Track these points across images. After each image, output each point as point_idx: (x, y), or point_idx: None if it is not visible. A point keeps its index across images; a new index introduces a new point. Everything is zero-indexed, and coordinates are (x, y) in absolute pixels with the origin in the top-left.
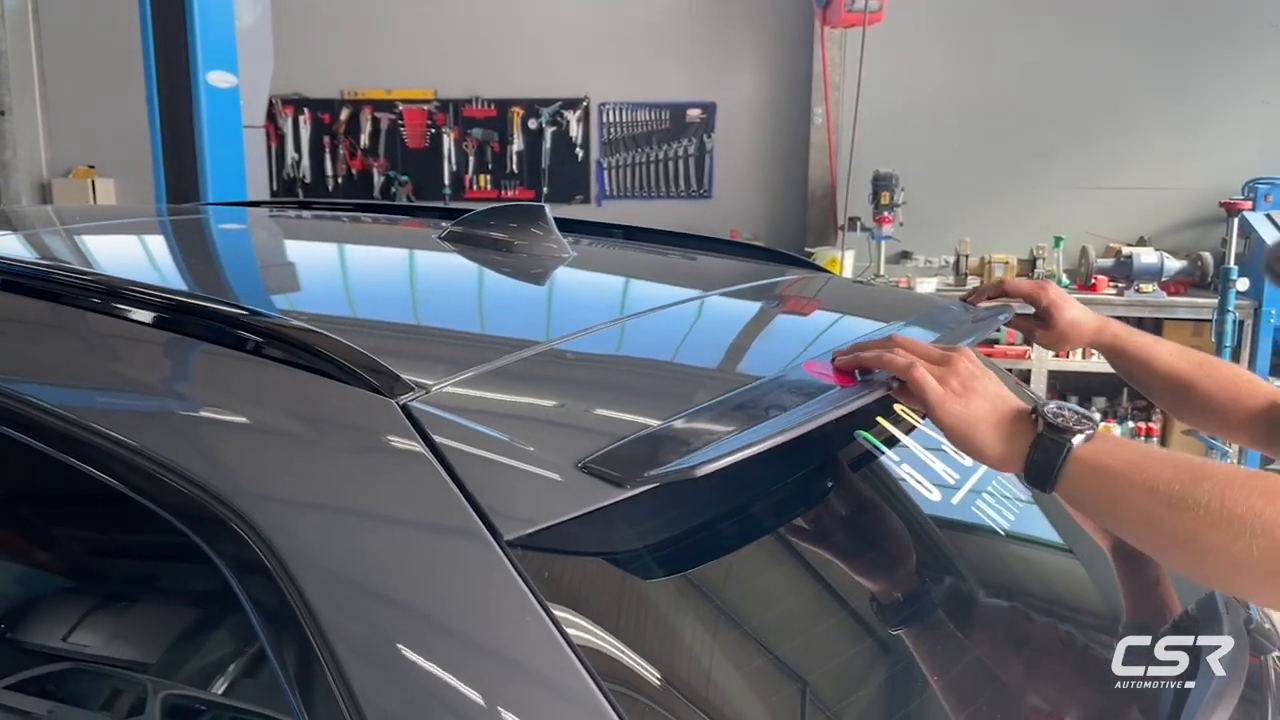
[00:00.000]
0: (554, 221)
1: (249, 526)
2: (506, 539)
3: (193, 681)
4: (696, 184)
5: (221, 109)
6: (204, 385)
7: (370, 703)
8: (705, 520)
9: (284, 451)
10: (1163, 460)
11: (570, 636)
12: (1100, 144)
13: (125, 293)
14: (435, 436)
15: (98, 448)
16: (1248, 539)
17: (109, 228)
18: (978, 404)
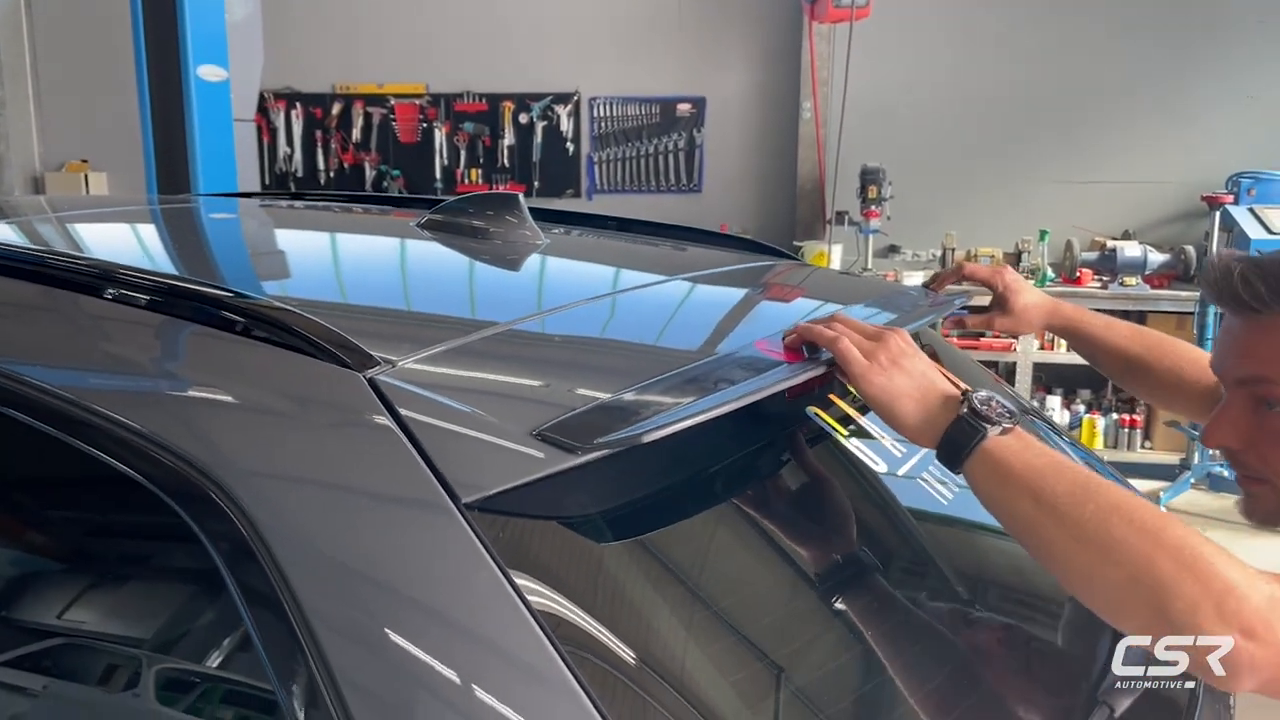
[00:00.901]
0: (528, 210)
1: (225, 494)
2: (465, 502)
3: (173, 642)
4: (686, 178)
5: (212, 103)
6: (184, 362)
7: (334, 651)
8: (657, 488)
9: (259, 421)
10: (1062, 472)
11: (524, 595)
12: (1086, 138)
13: (112, 276)
14: (399, 408)
15: (84, 422)
16: (1111, 567)
17: (100, 215)
18: (901, 379)
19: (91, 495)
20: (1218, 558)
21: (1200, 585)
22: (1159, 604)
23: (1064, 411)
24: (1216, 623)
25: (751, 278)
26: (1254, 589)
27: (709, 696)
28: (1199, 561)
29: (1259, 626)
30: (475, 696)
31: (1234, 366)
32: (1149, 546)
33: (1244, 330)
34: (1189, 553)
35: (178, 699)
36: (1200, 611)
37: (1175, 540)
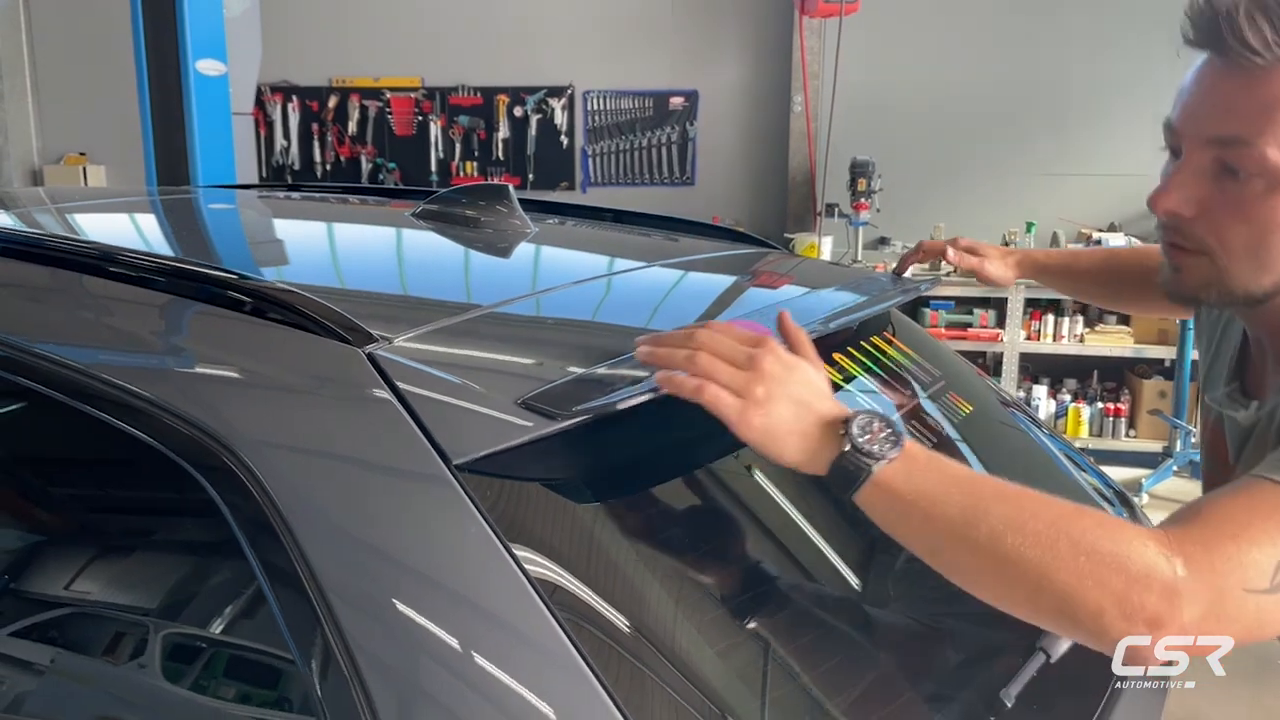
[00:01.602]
0: (518, 201)
1: (238, 460)
2: (455, 463)
3: (194, 595)
4: (679, 171)
5: (211, 97)
6: (201, 339)
7: (334, 591)
8: (632, 453)
9: (269, 393)
10: (951, 494)
11: (510, 548)
12: (1073, 131)
13: (141, 262)
14: (396, 380)
15: (114, 399)
16: (1012, 586)
17: (117, 206)
18: (780, 411)
19: (117, 466)
20: (1117, 549)
21: (1100, 589)
22: (1067, 616)
23: (1050, 401)
24: (1124, 626)
25: (728, 265)
26: (1155, 573)
27: (685, 645)
28: (1095, 563)
29: (1165, 614)
30: (463, 642)
31: (1209, 123)
32: (1044, 558)
33: (1230, 82)
34: (1083, 557)
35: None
36: (1105, 617)
37: (1069, 547)
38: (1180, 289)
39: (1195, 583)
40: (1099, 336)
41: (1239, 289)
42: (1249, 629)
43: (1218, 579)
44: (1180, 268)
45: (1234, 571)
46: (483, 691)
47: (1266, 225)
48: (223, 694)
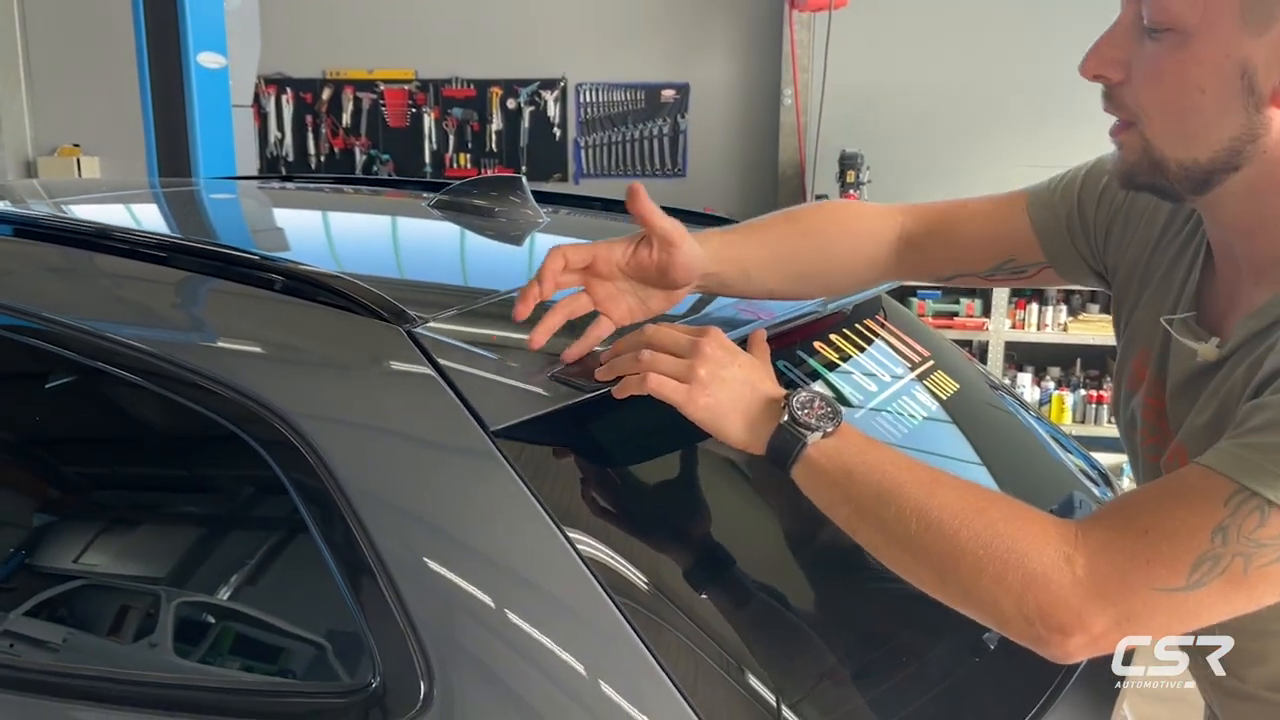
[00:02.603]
0: (530, 191)
1: (295, 431)
2: (492, 429)
3: (261, 562)
4: (671, 163)
5: (211, 89)
6: (259, 322)
7: (387, 550)
8: (653, 423)
9: (320, 369)
10: (872, 474)
11: (543, 502)
12: (1059, 124)
13: (206, 251)
14: (435, 355)
15: (182, 378)
16: (920, 569)
17: (153, 197)
18: (723, 393)
19: (186, 441)
20: (1016, 547)
21: (997, 586)
22: (971, 607)
23: (1034, 388)
24: (1024, 626)
25: None
26: (1051, 576)
27: (716, 602)
28: (993, 558)
29: (1067, 618)
30: (505, 602)
31: None
32: (946, 548)
33: None
34: (983, 550)
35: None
36: (1004, 614)
37: (970, 539)
38: (1123, 172)
39: (1095, 586)
40: (1082, 325)
41: (1171, 163)
42: (1170, 626)
43: (1120, 579)
44: (1121, 145)
45: (1140, 570)
46: (524, 649)
47: (1180, 85)
48: (289, 654)
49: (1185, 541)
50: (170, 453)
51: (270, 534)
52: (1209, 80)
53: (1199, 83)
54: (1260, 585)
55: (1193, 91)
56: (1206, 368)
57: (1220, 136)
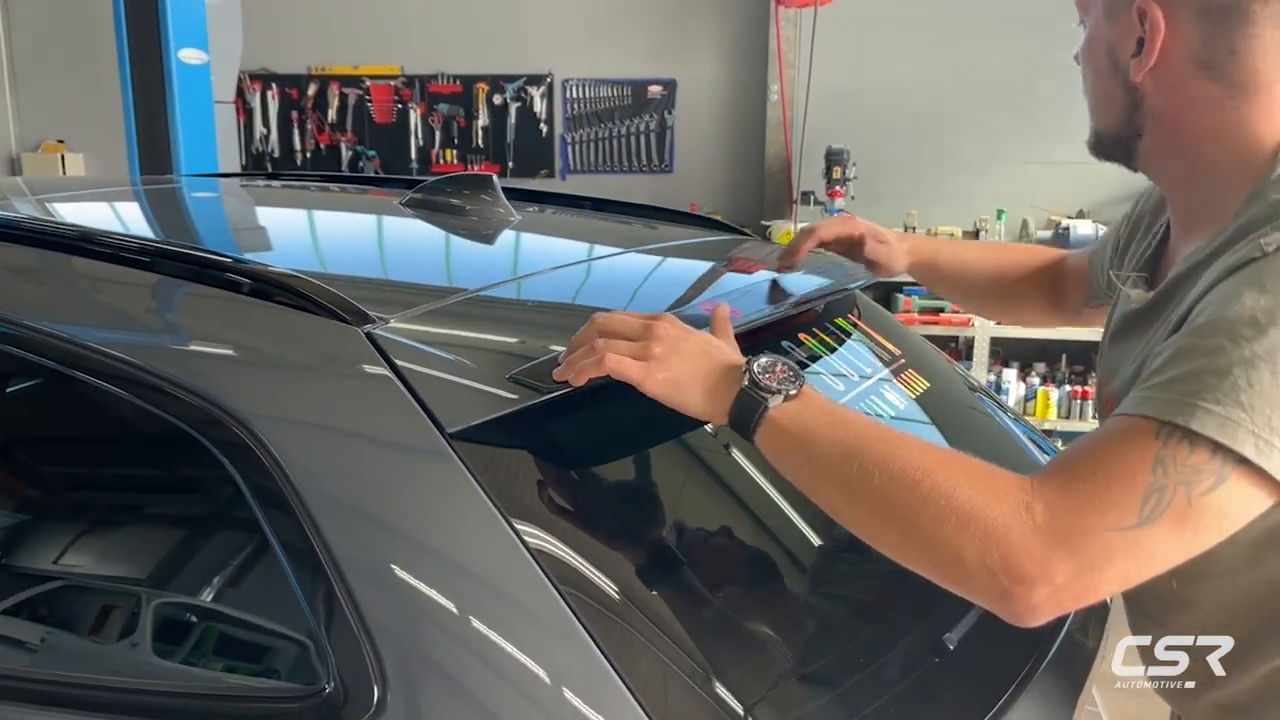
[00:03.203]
0: (502, 190)
1: (248, 431)
2: (449, 431)
3: (212, 561)
4: (658, 159)
5: (193, 86)
6: (213, 321)
7: (342, 553)
8: (614, 425)
9: (277, 370)
10: (835, 432)
11: (499, 505)
12: (1043, 120)
13: (157, 249)
14: (392, 357)
15: (133, 378)
16: (881, 524)
17: (125, 195)
18: (681, 366)
19: (138, 442)
20: (977, 497)
21: (960, 535)
22: (931, 562)
23: (1020, 384)
24: (985, 579)
25: (700, 250)
26: (1013, 526)
27: (669, 602)
28: (956, 508)
29: (1029, 567)
30: (460, 604)
31: None
32: (911, 502)
33: None
34: (944, 500)
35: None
36: (966, 565)
37: (931, 489)
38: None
39: (1058, 534)
40: None
41: (1098, 133)
42: (1128, 570)
43: (1078, 523)
44: None
45: (1094, 513)
46: (479, 651)
47: (1087, 67)
48: (240, 658)
49: (1129, 480)
50: (125, 455)
51: (226, 537)
52: (1097, 58)
53: (1094, 64)
54: (1204, 516)
55: (1092, 72)
56: (1137, 316)
57: (1114, 107)
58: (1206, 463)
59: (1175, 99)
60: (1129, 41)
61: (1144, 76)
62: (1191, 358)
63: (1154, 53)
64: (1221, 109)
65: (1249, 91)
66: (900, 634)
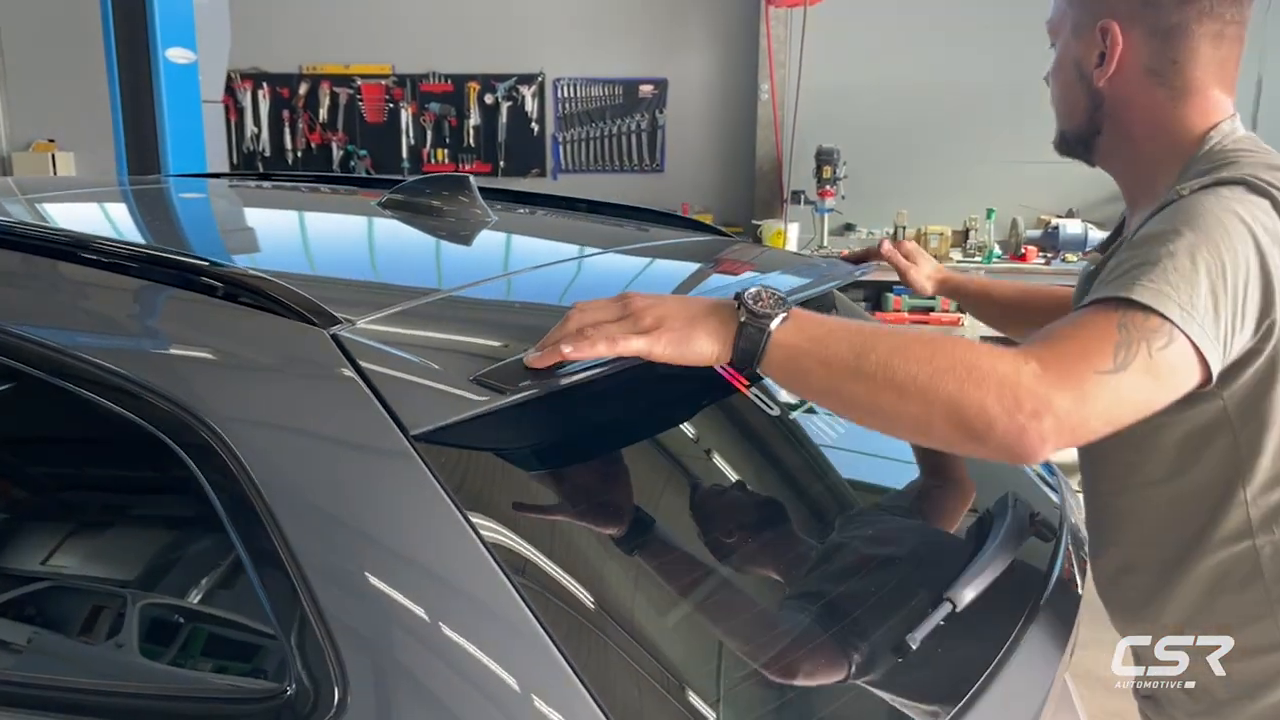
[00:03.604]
0: (479, 190)
1: (214, 433)
2: (413, 434)
3: (178, 562)
4: (649, 158)
5: (180, 85)
6: (180, 322)
7: (305, 556)
8: (578, 427)
9: (242, 373)
10: (843, 334)
11: (461, 507)
12: (1033, 120)
13: (123, 250)
14: (358, 359)
15: (98, 379)
16: (906, 402)
17: (97, 195)
18: (675, 323)
19: (102, 444)
20: (983, 359)
21: (979, 389)
22: (955, 419)
23: None
24: (1007, 419)
25: (671, 251)
26: (1020, 371)
27: (630, 605)
28: (973, 371)
29: (1036, 403)
30: (423, 604)
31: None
32: (930, 374)
33: None
34: (962, 368)
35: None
36: (990, 411)
37: (948, 362)
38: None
39: (1057, 375)
40: None
41: (1064, 133)
42: (1111, 409)
43: (1067, 365)
44: None
45: (1080, 359)
46: (440, 653)
47: (1056, 77)
48: (202, 659)
49: (1101, 337)
50: (90, 456)
51: (191, 539)
52: (1065, 72)
53: (1062, 74)
54: (1162, 367)
55: (1060, 81)
56: (1091, 274)
57: (1078, 109)
58: (1159, 326)
59: (1128, 101)
60: (1093, 54)
61: (1104, 82)
62: (1131, 259)
63: (1113, 62)
64: (1163, 108)
65: (1186, 94)
66: (863, 635)
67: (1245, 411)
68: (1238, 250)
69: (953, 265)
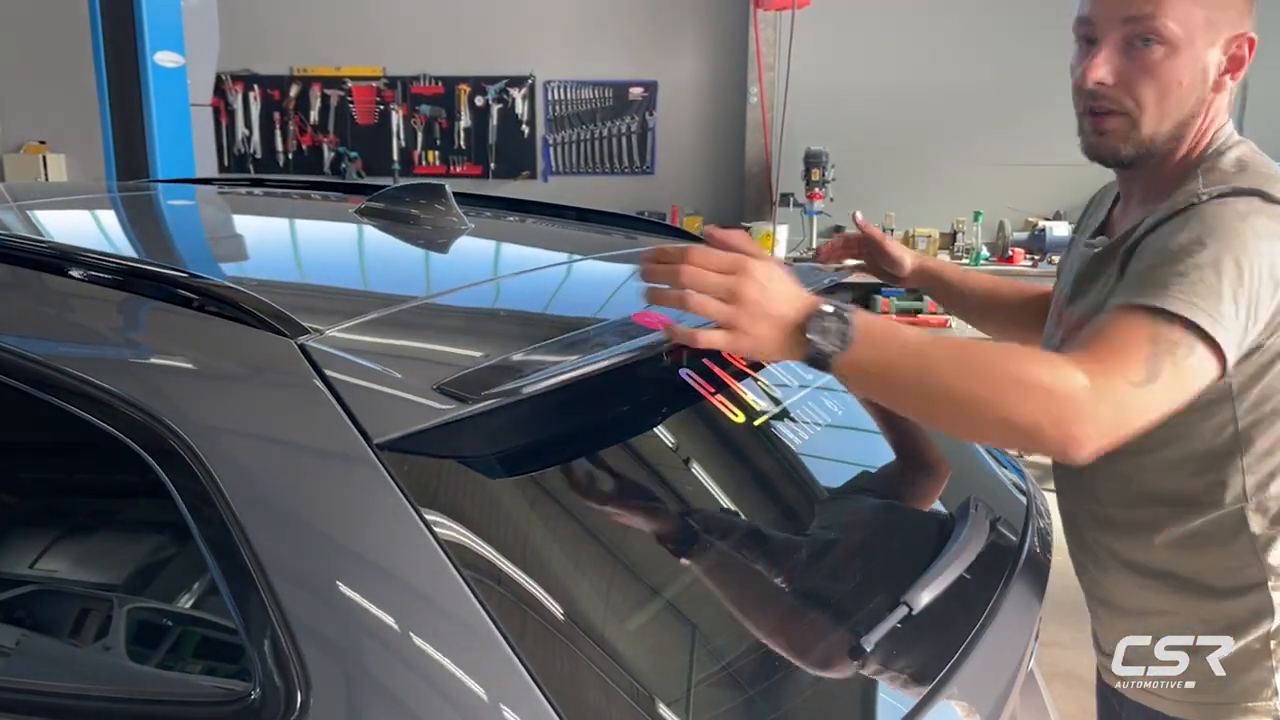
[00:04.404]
0: (454, 198)
1: (182, 441)
2: (376, 442)
3: (147, 568)
4: (639, 160)
5: (169, 89)
6: (151, 332)
7: (267, 554)
8: (542, 434)
9: (212, 381)
10: (906, 357)
11: (425, 517)
12: (1019, 123)
13: (94, 261)
14: (325, 369)
15: (68, 387)
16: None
17: (74, 203)
18: (759, 331)
19: (72, 450)
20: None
21: (1031, 404)
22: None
23: None
24: (1054, 432)
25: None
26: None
27: (588, 611)
28: (1025, 387)
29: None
30: (382, 606)
31: (1120, 7)
32: (986, 393)
33: None
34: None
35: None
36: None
37: (1002, 379)
38: (1101, 149)
39: (1098, 388)
40: None
41: (1147, 137)
42: (1142, 413)
43: (1112, 380)
44: (1103, 130)
45: (1118, 373)
46: (400, 654)
47: (1167, 82)
48: (170, 662)
49: (1137, 349)
50: (62, 462)
51: (161, 545)
52: (1185, 75)
53: (1179, 77)
54: (1183, 377)
55: (1174, 84)
56: (1098, 258)
57: (1184, 110)
58: (1182, 337)
59: (1209, 106)
60: (1223, 62)
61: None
62: (1161, 269)
63: (1243, 70)
64: (1220, 113)
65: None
66: (817, 636)
67: (1246, 388)
68: (1255, 258)
69: None
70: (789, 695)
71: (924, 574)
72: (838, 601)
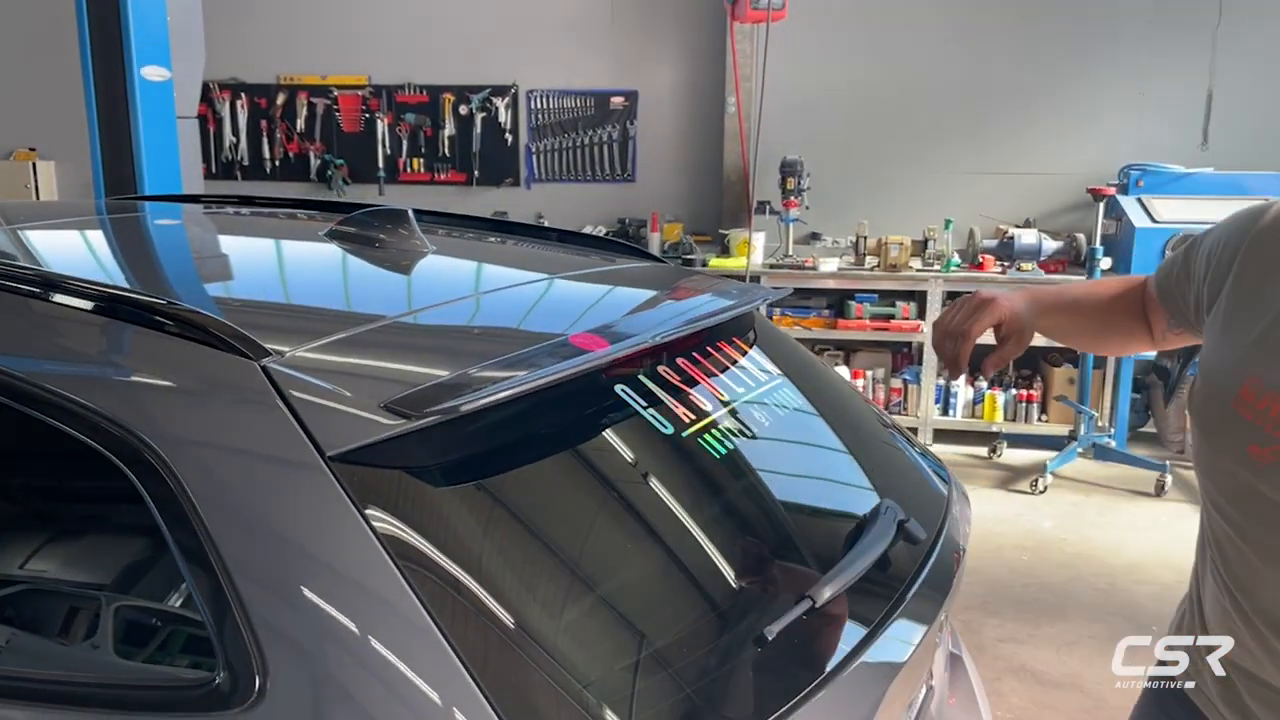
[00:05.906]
0: (416, 222)
1: (155, 453)
2: (328, 455)
3: (122, 569)
4: (620, 168)
5: (156, 102)
6: (123, 353)
7: (231, 554)
8: (484, 447)
9: (180, 400)
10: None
11: (371, 523)
12: (990, 132)
13: (78, 287)
14: (285, 389)
15: (49, 401)
16: None
17: (54, 227)
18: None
19: (51, 460)
20: None
21: None
22: None
23: (969, 388)
24: None
25: (597, 279)
26: None
27: (527, 612)
28: None
29: None
30: (333, 603)
31: None
32: None
33: None
34: None
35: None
36: None
37: None
38: None
39: None
40: None
41: None
42: None
43: None
44: None
45: None
46: (347, 645)
47: None
48: (142, 651)
49: None
50: (46, 471)
51: (134, 546)
52: None
53: None
54: None
55: None
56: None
57: None
58: None
59: None
60: None
61: None
62: None
63: None
64: None
65: None
66: (723, 628)
67: None
68: None
69: (912, 274)
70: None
71: (830, 570)
72: (750, 596)
